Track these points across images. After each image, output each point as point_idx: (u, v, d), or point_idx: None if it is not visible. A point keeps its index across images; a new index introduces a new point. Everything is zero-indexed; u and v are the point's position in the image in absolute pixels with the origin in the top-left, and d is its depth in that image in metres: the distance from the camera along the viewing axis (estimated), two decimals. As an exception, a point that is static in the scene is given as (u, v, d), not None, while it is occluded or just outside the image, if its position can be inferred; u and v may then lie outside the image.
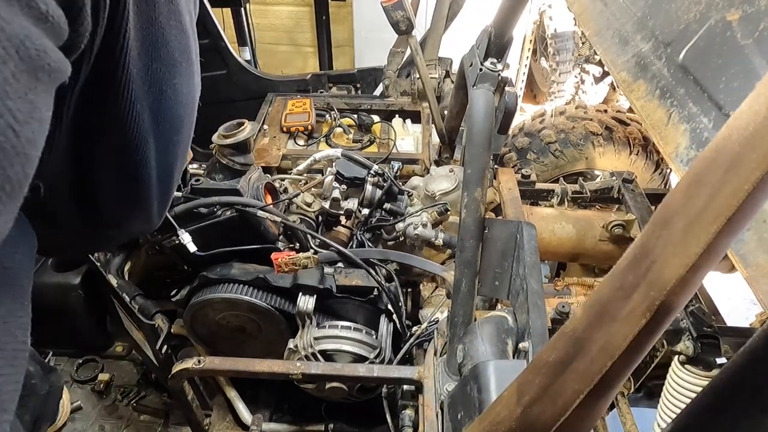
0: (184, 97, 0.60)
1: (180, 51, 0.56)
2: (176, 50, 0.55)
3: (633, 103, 0.94)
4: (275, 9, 4.07)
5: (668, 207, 0.39)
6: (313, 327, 1.37)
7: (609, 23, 1.14)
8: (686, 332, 1.27)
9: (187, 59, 0.58)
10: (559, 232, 1.66)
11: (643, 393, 1.53)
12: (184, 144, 0.67)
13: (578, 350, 0.45)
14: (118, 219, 0.66)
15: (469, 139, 1.15)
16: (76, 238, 0.68)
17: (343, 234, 1.55)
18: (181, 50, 0.56)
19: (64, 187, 0.57)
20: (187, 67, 0.59)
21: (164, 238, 1.37)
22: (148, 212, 0.68)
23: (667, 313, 0.39)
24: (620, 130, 2.28)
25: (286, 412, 1.68)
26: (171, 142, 0.62)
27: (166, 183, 0.67)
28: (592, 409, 0.47)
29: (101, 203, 0.62)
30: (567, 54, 4.10)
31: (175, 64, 0.56)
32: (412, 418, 1.19)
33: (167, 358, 1.43)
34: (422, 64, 1.96)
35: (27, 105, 0.33)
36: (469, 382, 0.89)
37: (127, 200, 0.64)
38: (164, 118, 0.58)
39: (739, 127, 0.33)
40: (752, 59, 0.71)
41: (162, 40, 0.52)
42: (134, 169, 0.59)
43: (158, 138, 0.58)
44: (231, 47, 2.42)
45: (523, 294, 1.05)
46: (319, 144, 1.98)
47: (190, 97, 0.62)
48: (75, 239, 0.69)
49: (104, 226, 0.67)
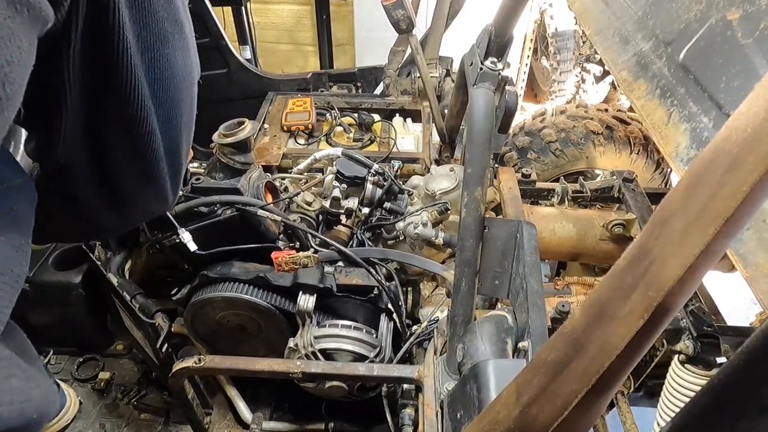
0: (180, 69, 0.62)
1: (170, 22, 0.58)
2: (164, 20, 0.57)
3: (633, 102, 0.94)
4: (276, 8, 4.06)
5: (667, 207, 0.39)
6: (314, 326, 1.37)
7: (610, 22, 1.13)
8: (686, 331, 1.27)
9: (179, 31, 0.60)
10: (560, 232, 1.66)
11: (643, 392, 1.53)
12: (187, 121, 0.69)
13: (577, 350, 0.45)
14: (133, 197, 0.70)
15: (470, 139, 1.15)
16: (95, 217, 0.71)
17: (343, 233, 1.55)
18: (171, 21, 0.58)
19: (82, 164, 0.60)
20: (179, 39, 0.61)
21: (164, 237, 1.37)
22: (161, 190, 0.71)
23: (665, 313, 0.39)
24: (621, 130, 2.28)
25: (287, 411, 1.68)
26: (172, 116, 0.65)
27: (175, 160, 0.70)
28: (591, 409, 0.47)
29: (116, 181, 0.65)
30: (568, 53, 4.09)
31: (165, 35, 0.58)
32: (412, 417, 1.19)
33: (168, 356, 1.43)
34: (423, 63, 1.96)
35: (5, 30, 0.37)
36: (468, 381, 0.89)
37: (139, 177, 0.67)
38: (162, 88, 0.60)
39: (738, 129, 0.33)
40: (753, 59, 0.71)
41: (149, 8, 0.54)
42: (143, 144, 0.62)
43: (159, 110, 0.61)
44: (231, 46, 2.42)
45: (523, 293, 1.05)
46: (319, 143, 1.98)
47: (187, 72, 0.65)
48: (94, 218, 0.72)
49: (121, 204, 0.70)
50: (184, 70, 0.64)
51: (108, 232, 1.31)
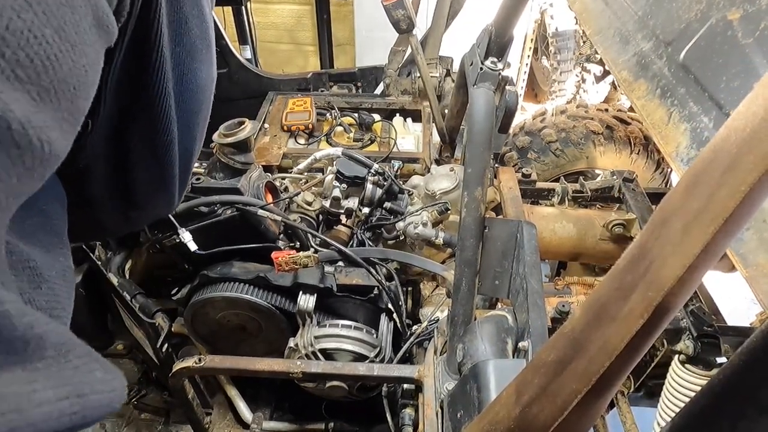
0: (203, 81, 0.65)
1: (200, 38, 0.60)
2: (197, 37, 0.60)
3: (633, 102, 0.94)
4: (276, 7, 4.06)
5: (667, 207, 0.39)
6: (314, 326, 1.37)
7: (610, 22, 1.13)
8: (686, 331, 1.27)
9: (207, 46, 0.63)
10: (560, 232, 1.66)
11: (643, 392, 1.53)
12: (201, 129, 0.71)
13: (577, 350, 0.45)
14: (143, 202, 0.71)
15: (470, 138, 1.15)
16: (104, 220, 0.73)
17: (343, 233, 1.55)
18: (201, 37, 0.61)
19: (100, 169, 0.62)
20: (207, 53, 0.63)
21: (165, 236, 1.37)
22: (170, 195, 0.72)
23: (665, 313, 0.39)
24: (621, 129, 2.28)
25: (287, 411, 1.68)
26: (191, 126, 0.67)
27: (186, 167, 0.72)
28: (591, 409, 0.47)
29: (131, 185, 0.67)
30: (568, 53, 4.09)
31: (196, 50, 0.60)
32: (412, 417, 1.19)
33: (168, 356, 1.43)
34: (423, 62, 1.96)
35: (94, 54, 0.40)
36: (468, 381, 0.89)
37: (154, 183, 0.69)
38: (184, 100, 0.62)
39: (737, 129, 0.33)
40: (753, 59, 0.71)
41: (185, 27, 0.57)
42: (163, 152, 0.64)
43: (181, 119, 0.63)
44: (232, 46, 2.42)
45: (523, 293, 1.05)
46: (319, 143, 1.98)
47: (208, 83, 0.67)
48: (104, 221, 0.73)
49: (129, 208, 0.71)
50: (206, 82, 0.66)
51: (113, 234, 1.32)
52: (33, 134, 0.32)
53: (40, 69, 0.33)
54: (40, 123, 0.33)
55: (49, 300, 0.47)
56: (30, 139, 0.32)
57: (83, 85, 0.38)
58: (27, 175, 0.34)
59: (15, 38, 0.30)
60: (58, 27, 0.34)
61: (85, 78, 0.38)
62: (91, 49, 0.38)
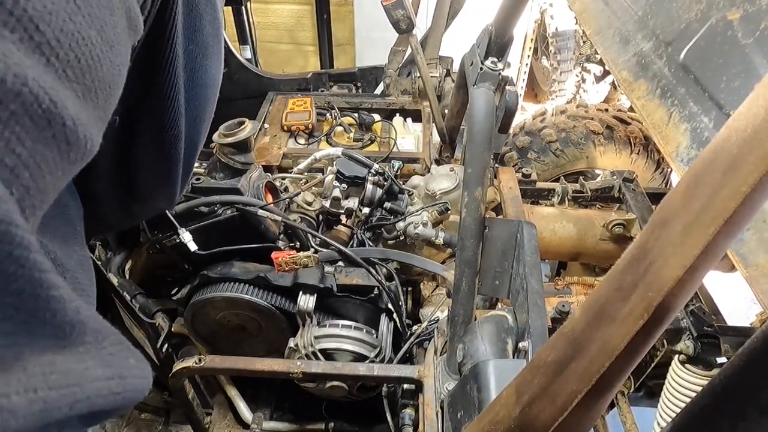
0: (211, 78, 0.66)
1: (212, 35, 0.62)
2: (209, 35, 0.61)
3: (634, 102, 0.94)
4: (276, 7, 4.06)
5: (667, 208, 0.39)
6: (314, 326, 1.37)
7: (610, 22, 1.13)
8: (686, 331, 1.27)
9: (217, 43, 0.64)
10: (560, 232, 1.66)
11: (643, 392, 1.54)
12: (206, 125, 0.72)
13: (577, 350, 0.45)
14: (146, 195, 0.72)
15: (470, 138, 1.15)
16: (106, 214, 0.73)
17: (343, 233, 1.55)
18: (213, 34, 0.62)
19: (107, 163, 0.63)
20: (217, 51, 0.65)
21: (165, 237, 1.37)
22: (172, 189, 0.73)
23: (665, 313, 0.39)
24: (621, 129, 2.28)
25: (287, 411, 1.68)
26: (197, 122, 0.68)
27: (190, 162, 0.73)
28: (591, 409, 0.47)
29: (135, 179, 0.67)
30: (568, 53, 4.09)
31: (207, 47, 0.62)
32: (412, 417, 1.19)
33: (168, 356, 1.43)
34: (423, 62, 1.96)
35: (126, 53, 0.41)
36: (468, 381, 0.89)
37: (158, 177, 0.69)
38: (193, 96, 0.63)
39: (738, 129, 0.33)
40: (753, 59, 0.71)
41: (199, 24, 0.58)
42: (169, 146, 0.65)
43: (188, 114, 0.64)
44: (232, 46, 2.42)
45: (524, 293, 1.05)
46: (319, 143, 1.98)
47: (216, 80, 0.68)
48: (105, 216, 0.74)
49: (131, 201, 0.72)
50: (215, 78, 0.67)
51: (112, 228, 1.33)
52: (81, 131, 0.34)
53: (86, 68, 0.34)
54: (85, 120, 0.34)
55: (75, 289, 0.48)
56: (78, 136, 0.34)
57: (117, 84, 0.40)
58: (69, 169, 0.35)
59: (67, 39, 0.32)
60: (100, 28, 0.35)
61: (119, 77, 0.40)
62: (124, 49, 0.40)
